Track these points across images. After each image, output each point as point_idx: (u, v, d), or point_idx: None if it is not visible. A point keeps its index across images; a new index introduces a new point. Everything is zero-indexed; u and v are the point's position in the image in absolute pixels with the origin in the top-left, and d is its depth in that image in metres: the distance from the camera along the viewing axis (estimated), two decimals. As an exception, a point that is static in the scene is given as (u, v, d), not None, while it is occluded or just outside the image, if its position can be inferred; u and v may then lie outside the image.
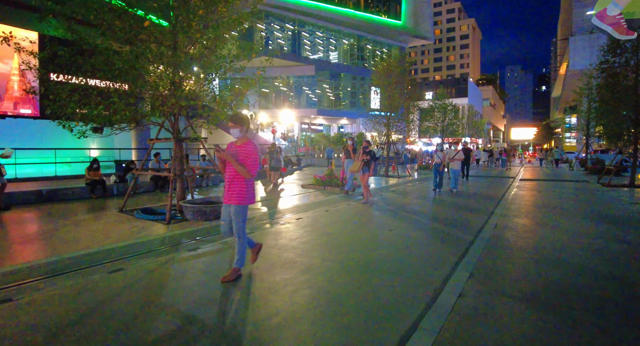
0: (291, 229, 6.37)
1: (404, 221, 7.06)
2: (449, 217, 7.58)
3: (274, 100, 39.30)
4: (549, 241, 5.50)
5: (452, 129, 30.67)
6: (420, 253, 4.92)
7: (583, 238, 5.72)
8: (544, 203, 9.51)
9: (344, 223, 6.93)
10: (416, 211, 8.27)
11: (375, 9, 41.33)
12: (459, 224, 6.83)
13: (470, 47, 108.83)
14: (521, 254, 4.87)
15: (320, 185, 12.79)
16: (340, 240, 5.64)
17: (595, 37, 50.00)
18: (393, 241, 5.58)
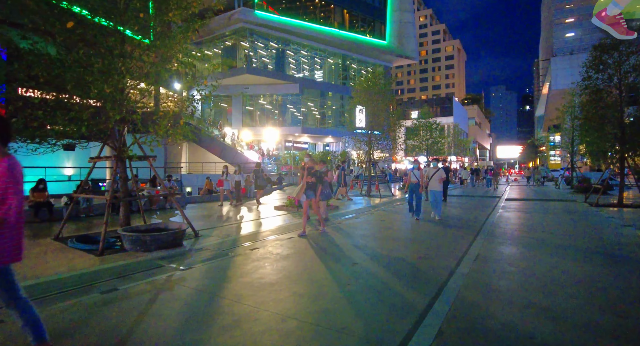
0: (238, 264, 5.44)
1: (372, 252, 6.19)
2: (424, 247, 6.72)
3: (258, 118, 38.66)
4: (537, 279, 4.67)
5: (437, 147, 30.31)
6: (383, 297, 4.04)
7: (577, 275, 4.91)
8: (531, 226, 8.76)
9: (301, 254, 6.02)
10: (388, 239, 7.41)
11: (360, 28, 41.57)
12: (436, 255, 5.98)
13: (456, 67, 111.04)
14: (505, 298, 4.02)
15: (294, 207, 11.91)
16: (292, 278, 4.73)
17: (575, 58, 51.23)
18: (355, 278, 4.70)
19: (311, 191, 7.71)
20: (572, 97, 23.22)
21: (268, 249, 6.30)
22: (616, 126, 12.96)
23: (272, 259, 5.63)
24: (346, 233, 7.81)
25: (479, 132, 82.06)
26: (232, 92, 37.51)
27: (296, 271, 5.02)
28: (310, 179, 7.63)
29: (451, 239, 7.17)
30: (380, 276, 4.73)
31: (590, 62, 13.49)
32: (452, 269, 4.97)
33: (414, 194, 9.60)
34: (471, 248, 6.27)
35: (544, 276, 4.70)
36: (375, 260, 5.56)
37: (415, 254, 5.95)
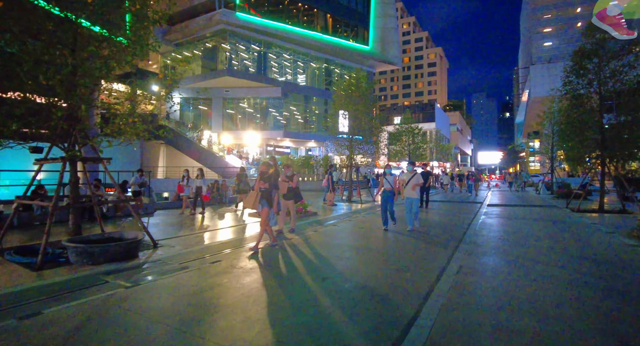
0: (193, 280, 4.81)
1: (345, 265, 5.65)
2: (403, 258, 6.21)
3: (239, 121, 37.86)
4: (525, 295, 4.21)
5: (419, 152, 30.18)
6: (351, 324, 3.49)
7: (568, 289, 4.48)
8: (514, 235, 8.38)
9: (267, 268, 5.44)
10: (364, 249, 6.88)
11: (344, 33, 41.38)
12: (415, 267, 5.48)
13: (438, 74, 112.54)
14: (490, 322, 3.53)
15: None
16: (250, 298, 4.13)
17: (553, 66, 52.40)
18: (323, 296, 4.14)
19: (264, 199, 6.62)
20: (551, 103, 23.42)
21: (231, 262, 5.68)
22: (596, 131, 12.87)
23: (233, 274, 5.02)
24: (320, 243, 7.25)
25: (460, 138, 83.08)
26: (212, 94, 36.67)
27: (257, 288, 4.43)
28: (263, 185, 6.62)
29: (432, 250, 6.70)
30: (351, 295, 4.18)
31: (570, 67, 13.42)
32: (432, 284, 4.47)
33: (386, 204, 8.45)
34: (453, 259, 5.81)
35: (532, 294, 4.24)
36: (348, 274, 5.01)
37: (393, 266, 5.44)
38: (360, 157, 18.01)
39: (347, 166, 17.72)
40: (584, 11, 64.42)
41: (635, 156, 12.82)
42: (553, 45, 66.60)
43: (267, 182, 6.67)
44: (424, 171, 14.01)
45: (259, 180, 6.64)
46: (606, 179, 14.81)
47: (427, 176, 14.02)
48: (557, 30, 67.73)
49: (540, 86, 51.10)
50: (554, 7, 69.35)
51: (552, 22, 69.07)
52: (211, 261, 5.74)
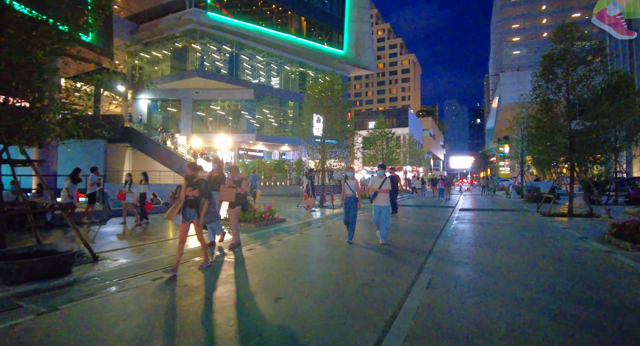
0: (125, 302, 4.10)
1: (305, 280, 5.07)
2: (369, 270, 5.68)
3: (210, 124, 36.72)
4: (501, 317, 3.76)
5: (393, 157, 30.10)
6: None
7: (546, 301, 4.07)
8: (487, 242, 8.05)
9: (215, 286, 4.79)
10: (329, 261, 6.32)
11: (318, 37, 41.09)
12: (381, 281, 4.96)
13: (411, 80, 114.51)
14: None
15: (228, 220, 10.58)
16: (185, 326, 3.48)
17: (522, 74, 54.10)
18: (275, 319, 3.54)
19: (193, 209, 5.33)
20: (521, 109, 23.82)
21: (176, 278, 4.98)
22: (565, 135, 12.92)
23: (173, 294, 4.34)
24: (282, 254, 6.63)
25: (433, 143, 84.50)
26: (182, 96, 35.42)
27: (197, 313, 3.77)
28: (191, 192, 5.28)
29: (401, 260, 6.22)
30: (305, 320, 3.59)
31: (540, 71, 13.46)
32: (400, 302, 3.95)
33: (349, 212, 7.52)
34: (423, 270, 5.34)
35: (509, 314, 3.79)
36: (307, 292, 4.43)
37: (358, 280, 4.89)
38: (333, 161, 17.54)
39: (320, 170, 17.20)
40: (549, 22, 67.17)
41: (601, 161, 12.96)
42: (521, 54, 69.03)
43: (196, 188, 5.34)
44: (391, 175, 13.74)
45: (186, 186, 5.38)
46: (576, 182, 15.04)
47: (395, 181, 13.69)
48: (525, 39, 70.33)
49: (509, 92, 52.56)
50: (522, 17, 72.01)
51: (521, 32, 71.68)
52: (153, 277, 5.02)
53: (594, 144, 12.43)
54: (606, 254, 6.52)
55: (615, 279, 4.96)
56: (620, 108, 13.90)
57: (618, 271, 5.37)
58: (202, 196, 5.46)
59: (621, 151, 18.40)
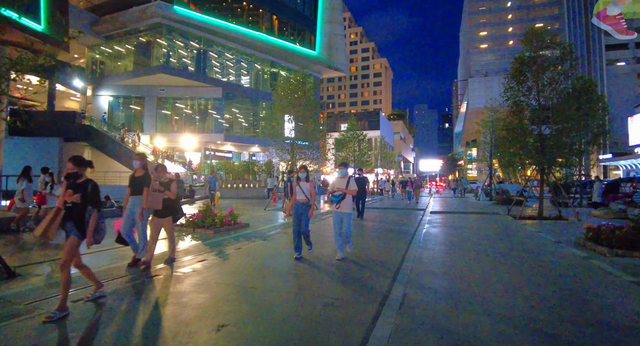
0: (21, 334, 3.21)
1: (254, 303, 4.32)
2: (334, 286, 5.01)
3: (175, 123, 35.15)
4: (491, 333, 3.18)
5: (364, 159, 29.81)
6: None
7: (537, 319, 3.53)
8: (462, 249, 7.59)
9: (142, 311, 3.97)
10: (287, 276, 5.60)
11: (290, 36, 40.36)
12: (346, 301, 4.29)
13: (383, 84, 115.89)
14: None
15: (190, 227, 9.65)
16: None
17: (489, 79, 55.65)
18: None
19: (71, 221, 3.79)
20: (490, 112, 24.09)
21: (99, 300, 4.11)
22: (536, 138, 12.85)
23: (87, 322, 3.49)
24: (238, 266, 5.85)
25: (403, 147, 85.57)
26: (145, 93, 33.68)
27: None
28: (70, 197, 3.73)
29: (371, 271, 5.59)
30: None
31: (512, 73, 13.35)
32: (368, 328, 3.29)
33: (299, 221, 6.16)
34: (395, 284, 4.72)
35: (500, 334, 3.22)
36: (259, 315, 3.69)
37: (321, 299, 4.20)
38: (307, 163, 16.84)
39: (289, 171, 16.46)
40: (515, 30, 69.82)
41: (570, 163, 12.98)
42: (489, 60, 71.25)
43: (80, 191, 3.76)
44: (360, 176, 13.06)
45: (65, 189, 3.82)
46: (538, 186, 15.12)
47: (363, 183, 12.90)
48: (493, 46, 72.68)
49: (477, 97, 53.88)
50: (489, 25, 74.42)
51: (488, 39, 74.04)
52: (74, 298, 4.11)
53: (563, 146, 12.41)
54: (585, 260, 6.17)
55: (603, 291, 4.54)
56: (586, 112, 14.07)
57: (603, 281, 4.98)
58: (89, 203, 3.82)
59: (586, 155, 18.81)
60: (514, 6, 72.95)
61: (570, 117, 12.73)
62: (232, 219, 10.16)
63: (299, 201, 6.19)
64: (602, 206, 15.52)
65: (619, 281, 4.94)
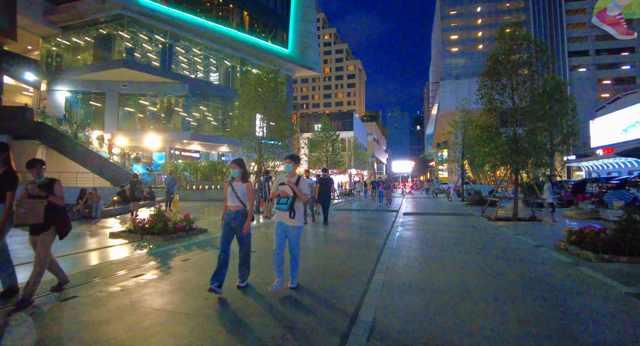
0: None
1: (178, 335, 3.43)
2: (288, 311, 4.18)
3: (139, 121, 33.26)
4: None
5: (337, 159, 29.17)
6: None
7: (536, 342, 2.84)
8: (438, 251, 6.96)
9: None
10: (234, 297, 4.74)
11: (261, 33, 39.23)
12: (305, 329, 3.48)
13: (357, 86, 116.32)
14: None
15: (138, 233, 8.56)
16: None
17: (460, 82, 56.50)
18: None
19: None
20: (462, 112, 24.01)
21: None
22: (510, 137, 12.54)
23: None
24: (170, 288, 4.90)
25: (377, 148, 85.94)
26: (106, 89, 31.63)
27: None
28: None
29: (336, 284, 4.80)
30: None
31: (486, 70, 13.00)
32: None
33: (232, 235, 4.50)
34: (364, 303, 3.95)
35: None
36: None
37: (268, 332, 3.35)
38: (273, 163, 15.90)
39: (256, 171, 15.49)
40: (484, 35, 71.59)
41: (543, 163, 12.75)
42: (460, 64, 72.62)
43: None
44: (323, 177, 11.91)
45: None
46: (512, 186, 14.92)
47: (327, 185, 11.61)
48: (464, 49, 74.20)
49: (448, 100, 54.53)
50: (460, 29, 75.94)
51: (459, 43, 75.54)
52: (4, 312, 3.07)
53: (537, 146, 12.14)
54: (572, 267, 5.64)
55: (601, 307, 3.94)
56: (556, 112, 13.92)
57: (597, 293, 4.40)
58: None
59: (561, 154, 18.92)
60: (484, 11, 74.80)
61: (543, 117, 12.49)
62: (187, 224, 9.13)
63: (230, 209, 4.46)
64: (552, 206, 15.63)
65: (614, 293, 4.38)
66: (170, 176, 14.89)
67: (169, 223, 8.84)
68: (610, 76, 64.79)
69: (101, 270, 5.36)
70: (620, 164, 36.69)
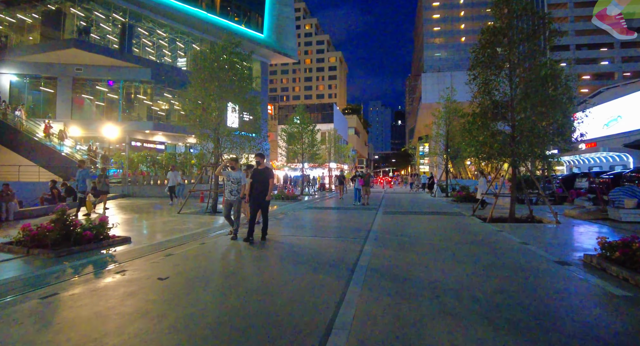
0: None
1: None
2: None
3: (95, 109, 30.19)
4: None
5: (314, 151, 27.04)
6: None
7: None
8: (430, 277, 4.98)
9: None
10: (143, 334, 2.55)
11: (234, 16, 36.50)
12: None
13: (338, 78, 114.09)
14: None
15: (24, 245, 6.26)
16: None
17: (442, 75, 55.11)
18: None
19: None
20: (447, 101, 22.30)
21: None
22: (508, 123, 10.72)
23: None
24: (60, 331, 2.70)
25: (358, 141, 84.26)
26: (58, 73, 28.42)
27: None
28: None
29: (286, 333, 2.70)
30: None
31: (480, 46, 11.08)
32: None
33: None
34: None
35: None
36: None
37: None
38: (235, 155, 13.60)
39: (212, 164, 13.19)
40: (467, 27, 70.52)
41: (546, 156, 11.02)
42: (442, 56, 71.41)
43: None
44: (257, 169, 7.62)
45: None
46: (500, 181, 13.24)
47: (266, 178, 7.41)
48: (446, 42, 72.97)
49: (430, 92, 53.10)
50: (443, 21, 74.63)
51: (442, 35, 74.25)
52: None
53: (542, 135, 10.37)
54: (625, 301, 3.73)
55: None
56: (553, 99, 12.17)
57: None
58: None
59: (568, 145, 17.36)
60: (467, 3, 73.71)
61: (543, 102, 10.71)
62: (99, 232, 6.86)
63: None
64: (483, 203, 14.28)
65: None
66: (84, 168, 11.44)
67: (75, 230, 6.58)
68: (591, 71, 64.85)
69: None
70: (602, 158, 36.05)
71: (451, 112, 22.21)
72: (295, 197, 19.83)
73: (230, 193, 7.67)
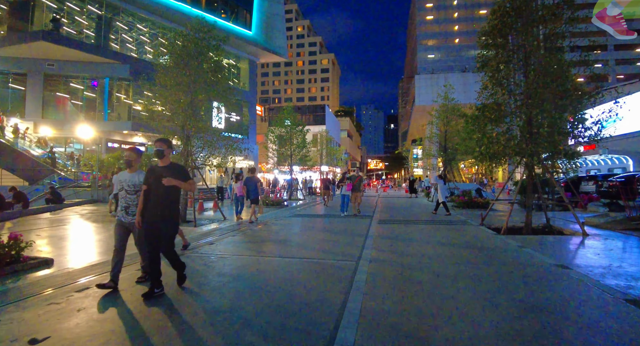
0: None
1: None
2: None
3: (69, 108, 28.22)
4: None
5: (304, 153, 25.42)
6: None
7: None
8: (450, 329, 3.34)
9: None
10: None
11: (221, 12, 34.84)
12: None
13: (331, 80, 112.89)
14: None
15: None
16: None
17: (436, 77, 53.93)
18: None
19: None
20: (444, 99, 20.87)
21: None
22: (524, 119, 9.18)
23: None
24: None
25: (350, 144, 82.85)
26: (28, 68, 26.44)
27: None
28: None
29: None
30: None
31: (489, 29, 9.54)
32: None
33: None
34: None
35: None
36: None
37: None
38: (204, 156, 11.94)
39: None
40: (461, 29, 69.66)
41: (572, 153, 9.50)
42: (435, 58, 70.37)
43: None
44: (156, 166, 4.57)
45: None
46: (498, 184, 11.81)
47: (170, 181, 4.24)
48: (440, 43, 72.00)
49: (424, 95, 51.90)
50: (436, 22, 73.73)
51: (436, 36, 73.27)
52: None
53: (565, 131, 8.87)
54: None
55: None
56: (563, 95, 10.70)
57: None
58: None
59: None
60: (460, 5, 72.95)
61: (566, 92, 9.23)
62: (14, 252, 5.12)
63: None
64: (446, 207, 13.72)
65: None
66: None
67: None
68: (584, 73, 64.19)
69: None
70: (600, 161, 35.04)
71: (449, 111, 20.77)
72: (280, 203, 18.14)
73: (126, 210, 4.54)
